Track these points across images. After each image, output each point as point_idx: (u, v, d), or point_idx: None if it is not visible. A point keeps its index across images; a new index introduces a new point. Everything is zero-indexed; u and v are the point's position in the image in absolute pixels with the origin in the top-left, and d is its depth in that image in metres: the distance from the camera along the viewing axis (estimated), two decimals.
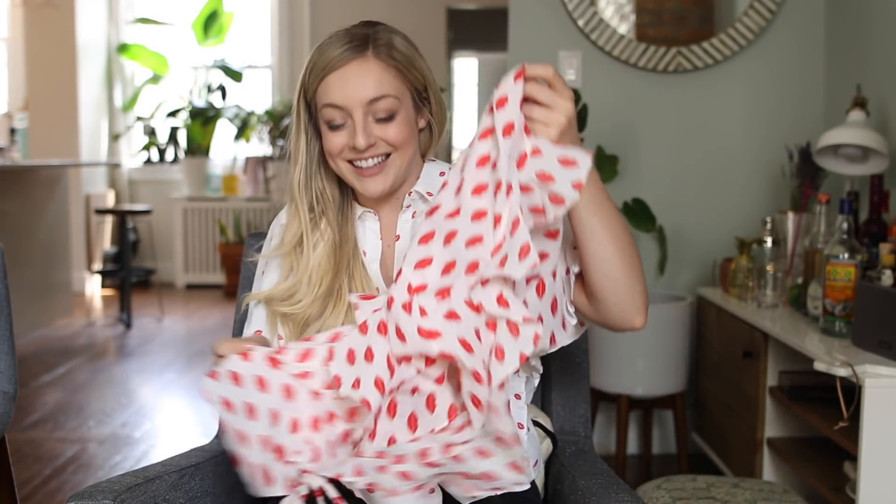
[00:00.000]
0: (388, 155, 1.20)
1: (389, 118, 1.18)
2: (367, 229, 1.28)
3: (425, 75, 1.22)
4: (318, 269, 1.24)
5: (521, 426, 1.23)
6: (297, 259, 1.25)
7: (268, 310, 1.27)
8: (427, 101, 1.24)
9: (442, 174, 1.28)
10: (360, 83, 1.16)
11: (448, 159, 5.29)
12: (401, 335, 1.03)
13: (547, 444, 1.42)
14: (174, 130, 6.61)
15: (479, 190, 1.00)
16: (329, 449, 1.07)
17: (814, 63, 2.92)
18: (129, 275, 5.13)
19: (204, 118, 6.40)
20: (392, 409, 1.06)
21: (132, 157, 6.79)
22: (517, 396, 1.27)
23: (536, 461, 1.32)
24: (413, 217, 1.26)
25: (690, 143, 2.96)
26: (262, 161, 6.48)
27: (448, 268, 1.02)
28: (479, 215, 0.99)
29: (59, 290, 5.21)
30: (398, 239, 1.26)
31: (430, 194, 1.25)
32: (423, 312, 1.02)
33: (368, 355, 1.05)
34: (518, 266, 0.96)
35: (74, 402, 3.60)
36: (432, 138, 1.28)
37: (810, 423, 2.09)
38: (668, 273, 2.95)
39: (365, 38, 1.17)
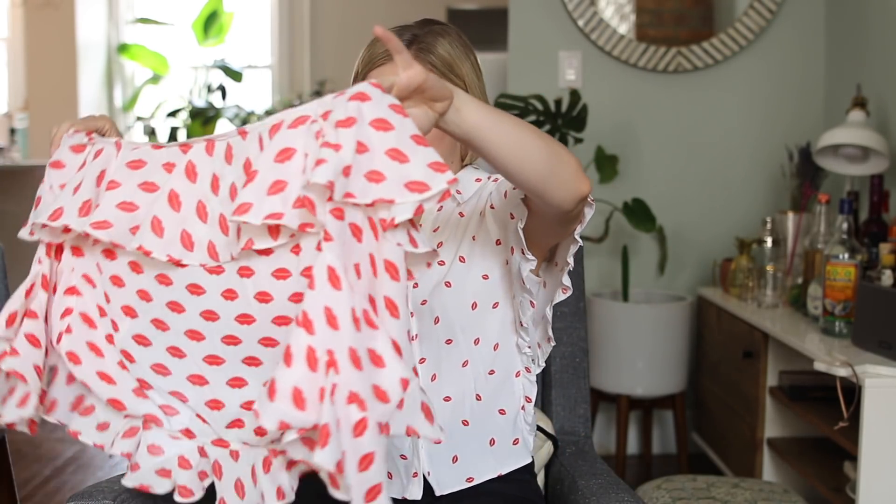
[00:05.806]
0: None
1: None
2: None
3: (467, 82, 1.21)
4: None
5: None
6: None
7: None
8: None
9: (478, 180, 1.27)
10: None
11: None
12: None
13: (548, 448, 1.42)
14: (174, 130, 6.59)
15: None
16: None
17: (814, 63, 2.92)
18: None
19: (204, 118, 6.39)
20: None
21: None
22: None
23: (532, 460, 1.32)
24: (438, 211, 1.26)
25: (690, 143, 2.96)
26: None
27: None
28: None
29: None
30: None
31: (459, 193, 1.25)
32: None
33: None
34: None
35: None
36: None
37: (810, 423, 2.09)
38: (668, 273, 2.95)
39: (411, 40, 1.19)
